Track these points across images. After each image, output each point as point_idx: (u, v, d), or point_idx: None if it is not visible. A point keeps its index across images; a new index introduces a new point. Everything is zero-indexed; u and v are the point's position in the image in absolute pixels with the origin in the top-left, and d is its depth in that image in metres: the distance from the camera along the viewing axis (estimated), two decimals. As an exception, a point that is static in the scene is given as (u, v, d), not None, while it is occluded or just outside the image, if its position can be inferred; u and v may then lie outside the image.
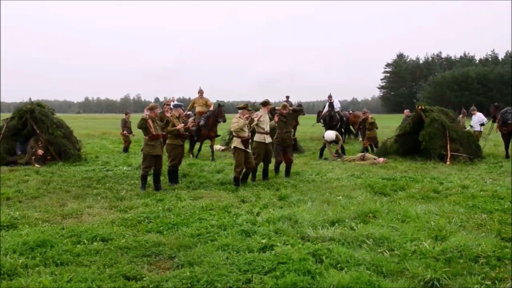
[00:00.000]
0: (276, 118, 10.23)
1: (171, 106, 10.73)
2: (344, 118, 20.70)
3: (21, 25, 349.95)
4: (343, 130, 20.71)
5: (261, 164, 10.03)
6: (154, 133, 8.83)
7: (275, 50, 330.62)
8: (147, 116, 8.95)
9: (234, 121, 9.38)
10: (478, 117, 16.00)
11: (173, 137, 9.39)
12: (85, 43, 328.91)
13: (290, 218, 6.29)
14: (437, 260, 4.67)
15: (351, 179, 9.96)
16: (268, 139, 9.90)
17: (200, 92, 15.78)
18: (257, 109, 12.43)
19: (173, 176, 9.55)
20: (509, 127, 13.87)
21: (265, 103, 10.11)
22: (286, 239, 5.45)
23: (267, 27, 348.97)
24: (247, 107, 9.67)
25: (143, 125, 8.81)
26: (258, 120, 9.57)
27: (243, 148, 9.17)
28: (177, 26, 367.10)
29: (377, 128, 15.98)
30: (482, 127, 15.34)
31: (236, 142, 9.30)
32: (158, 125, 9.03)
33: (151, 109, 9.08)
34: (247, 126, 9.45)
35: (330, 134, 14.48)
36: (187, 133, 9.62)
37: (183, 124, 9.40)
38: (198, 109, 15.59)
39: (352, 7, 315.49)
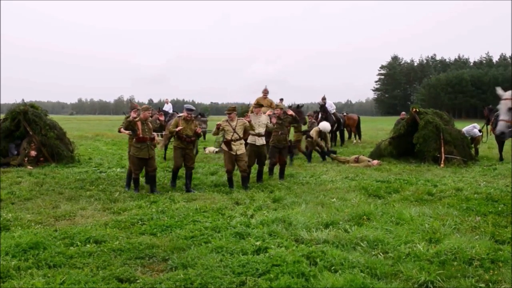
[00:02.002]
0: (274, 120, 10.20)
1: (168, 109, 10.66)
2: (341, 120, 20.57)
3: (16, 25, 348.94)
4: (339, 132, 20.64)
5: (255, 166, 10.02)
6: (141, 135, 8.74)
7: (269, 51, 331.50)
8: (135, 118, 8.78)
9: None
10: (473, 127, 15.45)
11: (175, 139, 9.38)
12: (80, 43, 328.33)
13: (284, 220, 6.28)
14: (431, 263, 4.67)
15: (345, 181, 9.96)
16: (259, 141, 9.85)
17: (265, 92, 14.40)
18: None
19: (174, 178, 9.61)
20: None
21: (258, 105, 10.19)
22: (280, 242, 5.43)
23: (261, 28, 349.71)
24: (235, 109, 9.66)
25: (130, 127, 8.70)
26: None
27: (226, 149, 9.26)
28: (170, 27, 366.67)
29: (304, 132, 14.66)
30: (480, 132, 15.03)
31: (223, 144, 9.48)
32: (148, 128, 8.92)
33: (143, 110, 9.00)
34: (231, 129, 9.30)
35: (326, 125, 14.03)
36: (192, 137, 9.32)
37: (180, 127, 9.12)
38: (263, 110, 14.46)
39: (348, 8, 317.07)
